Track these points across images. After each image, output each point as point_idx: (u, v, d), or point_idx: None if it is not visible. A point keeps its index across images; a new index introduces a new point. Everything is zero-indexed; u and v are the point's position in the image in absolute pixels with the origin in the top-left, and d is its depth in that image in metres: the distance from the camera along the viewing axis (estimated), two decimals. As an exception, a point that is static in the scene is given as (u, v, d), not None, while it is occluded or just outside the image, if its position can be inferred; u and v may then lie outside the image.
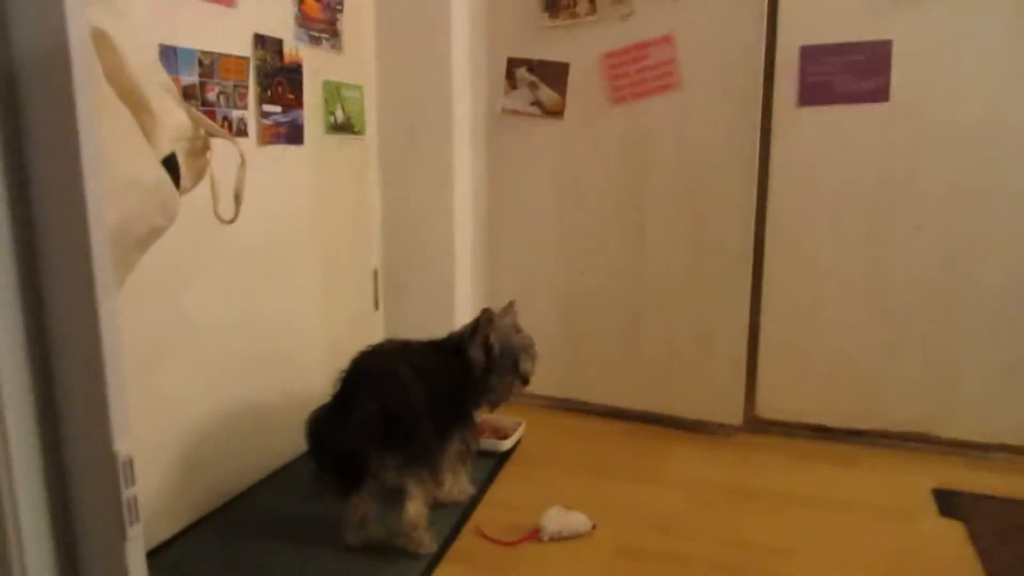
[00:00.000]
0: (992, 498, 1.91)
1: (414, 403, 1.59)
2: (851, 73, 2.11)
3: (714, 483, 2.01)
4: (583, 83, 2.33)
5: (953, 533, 1.76)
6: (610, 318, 2.43)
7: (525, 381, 1.91)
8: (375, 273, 2.45)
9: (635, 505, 1.88)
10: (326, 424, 1.56)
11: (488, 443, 2.14)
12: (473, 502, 1.89)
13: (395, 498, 1.64)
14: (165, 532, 1.70)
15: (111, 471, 0.91)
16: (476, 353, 1.82)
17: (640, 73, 2.26)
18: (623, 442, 2.28)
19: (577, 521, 1.73)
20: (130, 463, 0.92)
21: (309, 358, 2.14)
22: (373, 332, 2.45)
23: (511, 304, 1.96)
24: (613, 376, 2.45)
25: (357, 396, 1.55)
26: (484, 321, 1.84)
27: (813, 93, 2.15)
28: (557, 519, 1.72)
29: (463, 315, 2.46)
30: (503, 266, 2.55)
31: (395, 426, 1.55)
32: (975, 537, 1.72)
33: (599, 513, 1.79)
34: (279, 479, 2.00)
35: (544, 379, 2.55)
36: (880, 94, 2.10)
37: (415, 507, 1.61)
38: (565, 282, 2.48)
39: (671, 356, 2.36)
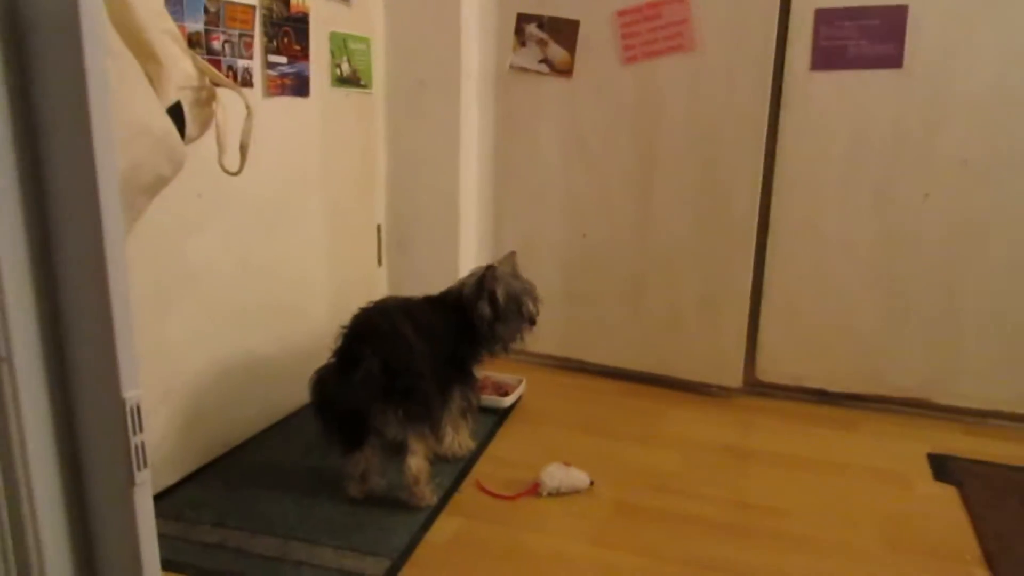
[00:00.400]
0: (987, 463, 1.93)
1: (416, 359, 1.60)
2: (865, 38, 2.08)
3: (712, 444, 2.02)
4: (594, 41, 2.30)
5: (947, 497, 1.78)
6: (613, 279, 2.43)
7: (532, 322, 1.91)
8: (379, 228, 2.45)
9: (634, 463, 1.90)
10: (332, 384, 1.57)
11: (489, 400, 2.15)
12: (474, 457, 1.90)
13: (396, 451, 1.66)
14: (168, 479, 1.72)
15: (120, 417, 0.92)
16: (483, 309, 1.83)
17: (652, 32, 2.23)
18: (623, 402, 2.30)
19: (576, 477, 1.75)
20: (138, 409, 0.93)
21: (312, 312, 2.14)
22: (376, 288, 2.45)
23: (511, 254, 1.97)
24: (614, 337, 2.46)
25: (360, 353, 1.56)
26: (489, 277, 1.84)
27: (826, 57, 2.12)
28: (556, 475, 1.74)
29: (466, 272, 2.45)
30: (507, 224, 2.55)
31: (397, 382, 1.56)
32: (968, 501, 1.74)
33: (598, 470, 1.81)
34: (281, 430, 2.02)
35: (545, 338, 2.56)
36: (894, 60, 2.07)
37: (416, 462, 1.63)
38: (569, 242, 2.47)
39: (673, 318, 2.37)
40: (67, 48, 0.83)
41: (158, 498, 1.67)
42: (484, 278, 1.85)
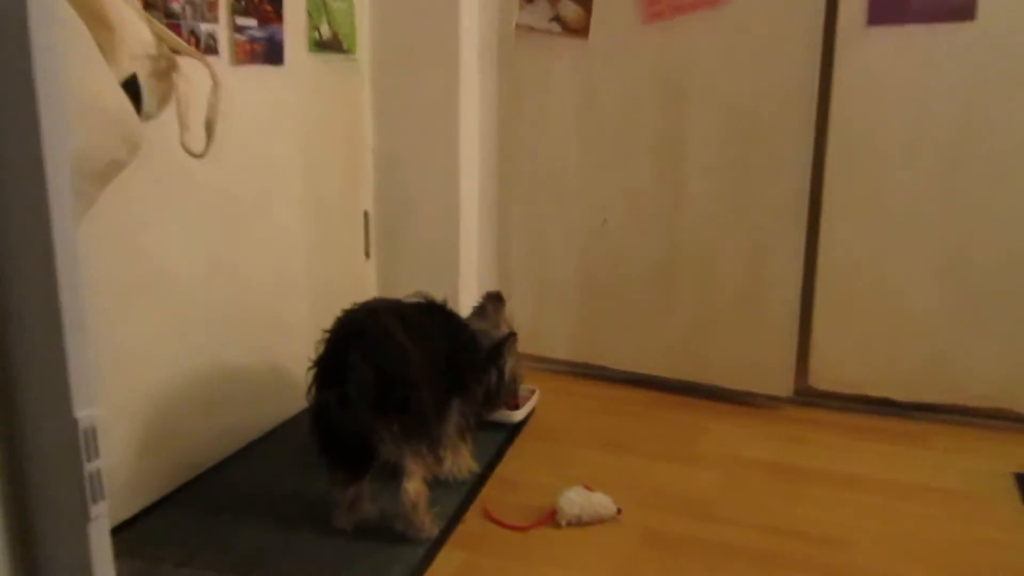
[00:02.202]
0: (1080, 484, 1.92)
1: (411, 367, 1.62)
2: (931, -15, 2.08)
3: (757, 463, 2.03)
4: (613, -5, 2.30)
5: (1035, 524, 1.78)
6: (638, 273, 2.44)
7: (510, 406, 2.13)
8: (366, 216, 2.46)
9: (666, 486, 1.91)
10: (335, 409, 1.57)
11: (497, 414, 2.16)
12: (480, 480, 1.91)
13: (389, 476, 1.67)
14: (127, 510, 1.72)
15: (72, 440, 0.92)
16: (492, 378, 1.94)
17: (681, -17, 2.23)
18: (653, 415, 2.30)
19: (600, 503, 1.75)
20: (93, 432, 0.93)
21: (291, 314, 2.15)
22: (364, 286, 2.46)
23: (497, 299, 2.06)
24: (641, 339, 2.47)
25: (347, 361, 1.56)
26: (511, 345, 1.98)
27: (885, 9, 2.11)
28: (577, 501, 1.74)
29: (468, 266, 2.49)
30: (515, 210, 2.56)
31: (390, 393, 1.57)
32: (1059, 528, 1.74)
33: (625, 495, 1.81)
34: (258, 451, 2.03)
35: (561, 342, 2.57)
36: (965, 12, 2.06)
37: (414, 485, 1.63)
38: (586, 230, 2.48)
39: (709, 317, 2.37)
40: (8, 15, 0.83)
41: (115, 532, 1.66)
42: (502, 347, 1.95)
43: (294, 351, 2.06)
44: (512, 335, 1.98)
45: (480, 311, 2.03)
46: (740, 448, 2.10)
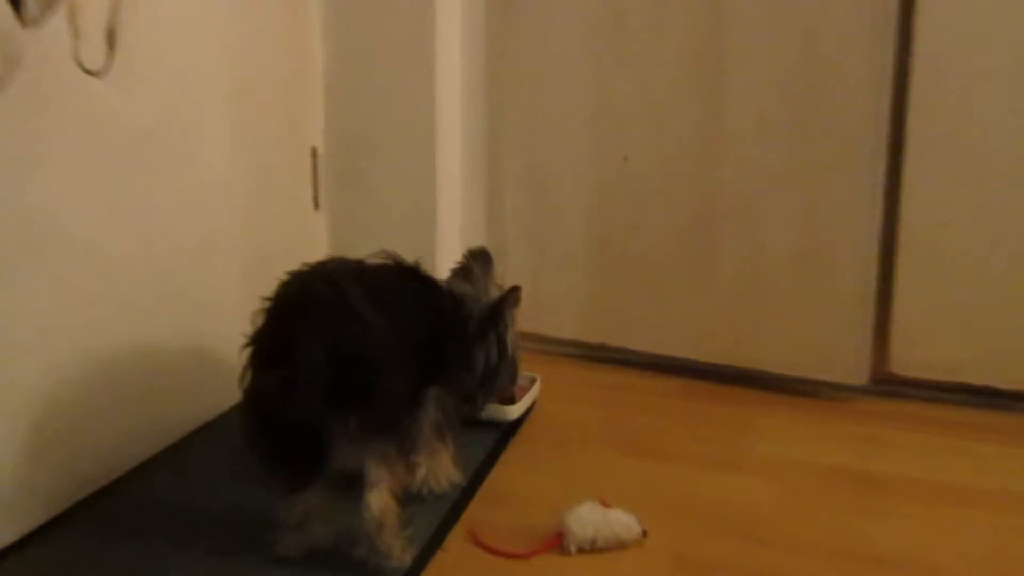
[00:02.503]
0: None
1: (375, 345, 1.61)
2: None
3: (821, 469, 2.03)
4: None
5: None
6: (667, 227, 2.45)
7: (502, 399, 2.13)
8: (314, 154, 2.46)
9: (705, 500, 1.91)
10: (276, 395, 1.55)
11: (489, 409, 2.15)
12: (465, 494, 1.91)
13: (347, 487, 1.66)
14: (8, 535, 1.72)
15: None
16: (489, 353, 1.92)
17: None
18: (686, 409, 2.32)
19: (619, 523, 1.75)
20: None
21: (221, 280, 2.16)
22: (312, 244, 2.47)
23: (484, 255, 2.06)
24: (670, 313, 2.48)
25: (292, 336, 1.56)
26: (510, 305, 1.95)
27: None
28: (590, 521, 1.74)
29: (448, 219, 2.49)
30: (508, 144, 2.57)
31: (348, 378, 1.56)
32: None
33: (652, 512, 1.80)
34: (178, 457, 2.03)
35: (569, 317, 2.57)
36: None
37: (379, 498, 1.62)
38: (600, 173, 2.48)
39: (758, 284, 2.38)
40: None
41: (-8, 564, 1.68)
42: (503, 307, 1.93)
43: (224, 328, 2.05)
44: (514, 289, 1.95)
45: (463, 273, 2.03)
46: (798, 451, 2.11)
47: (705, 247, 2.42)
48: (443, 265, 2.22)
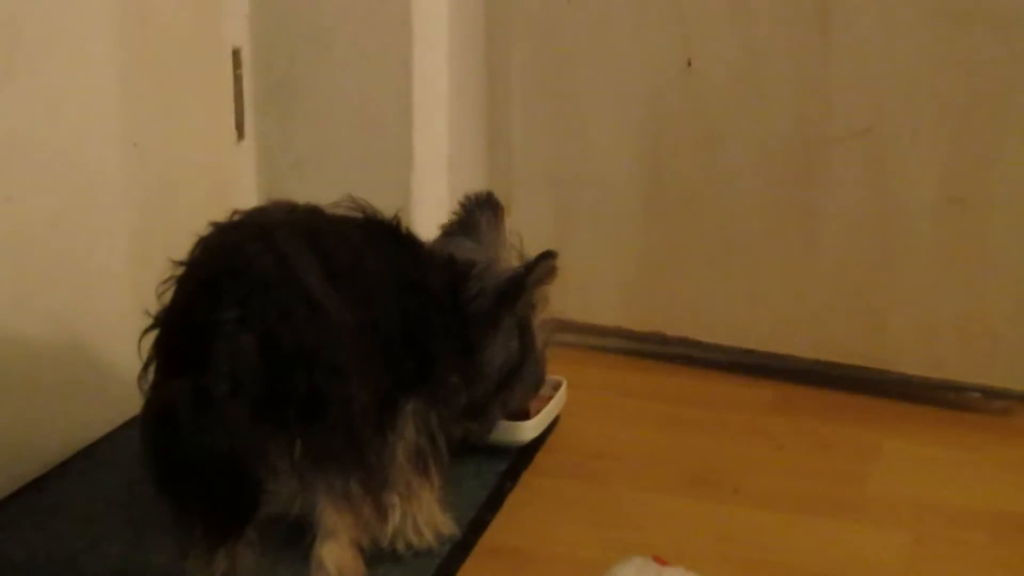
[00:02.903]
0: None
1: (328, 333, 1.60)
2: None
3: (970, 514, 2.03)
4: None
5: None
6: (750, 163, 2.46)
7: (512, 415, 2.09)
8: (235, 57, 2.45)
9: (803, 557, 1.90)
10: (187, 411, 1.52)
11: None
12: (458, 549, 1.90)
13: (289, 536, 1.67)
14: None
15: None
16: (510, 346, 1.92)
17: None
18: (777, 428, 2.31)
19: (678, 590, 1.74)
20: None
21: (106, 242, 2.15)
22: (235, 188, 2.46)
23: (490, 200, 2.07)
24: (755, 290, 2.49)
25: (213, 318, 1.53)
26: (539, 275, 1.94)
27: None
28: (638, 586, 1.73)
29: (430, 148, 2.50)
30: (518, 37, 2.57)
31: (291, 384, 1.54)
32: None
33: (727, 572, 1.81)
34: (50, 492, 2.04)
35: (607, 295, 2.56)
36: None
37: (336, 553, 1.62)
38: (652, 82, 2.48)
39: (884, 247, 2.39)
40: None
41: None
42: (528, 280, 1.92)
43: (113, 309, 2.05)
44: (546, 256, 1.96)
45: (464, 228, 2.03)
46: (938, 488, 2.10)
47: (806, 192, 2.41)
48: (423, 217, 2.22)
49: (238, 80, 2.47)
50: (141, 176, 2.22)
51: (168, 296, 1.60)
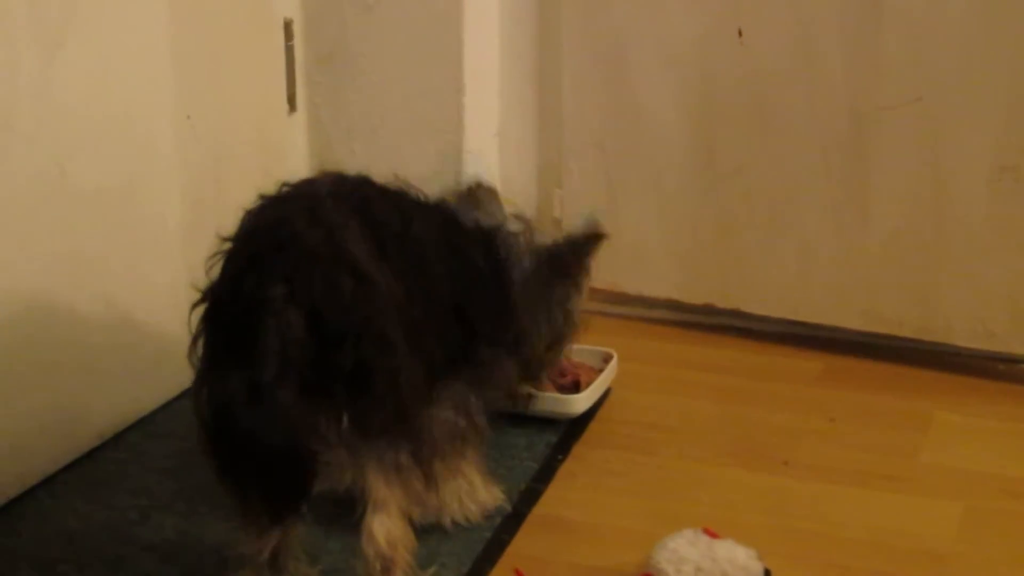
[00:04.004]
0: None
1: (377, 308, 1.60)
2: None
3: (1024, 485, 2.03)
4: None
5: None
6: (802, 133, 2.45)
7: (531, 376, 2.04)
8: (287, 29, 2.47)
9: (855, 530, 1.90)
10: (240, 405, 1.53)
11: (543, 400, 2.16)
12: (510, 521, 1.91)
13: (336, 512, 1.67)
14: None
15: None
16: (577, 284, 1.96)
17: None
18: (829, 400, 2.32)
19: (731, 561, 1.73)
20: None
21: (156, 216, 2.16)
22: (287, 160, 2.48)
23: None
24: (808, 260, 2.49)
25: (263, 300, 1.54)
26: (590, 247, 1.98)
27: None
28: (690, 558, 1.72)
29: (481, 119, 2.50)
30: (570, 16, 2.57)
31: (339, 359, 1.55)
32: None
33: (778, 545, 1.80)
34: (95, 469, 2.05)
35: (659, 266, 2.56)
36: None
37: (387, 526, 1.62)
38: (705, 59, 2.49)
39: (938, 217, 2.38)
40: None
41: None
42: (588, 248, 1.98)
43: (166, 282, 2.06)
44: (597, 236, 1.98)
45: (465, 202, 2.02)
46: (992, 458, 2.11)
47: (857, 162, 2.40)
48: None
49: (289, 51, 2.47)
50: (194, 148, 2.23)
51: (216, 271, 1.61)
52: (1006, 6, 2.25)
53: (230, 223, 1.64)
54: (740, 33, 2.43)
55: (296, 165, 2.47)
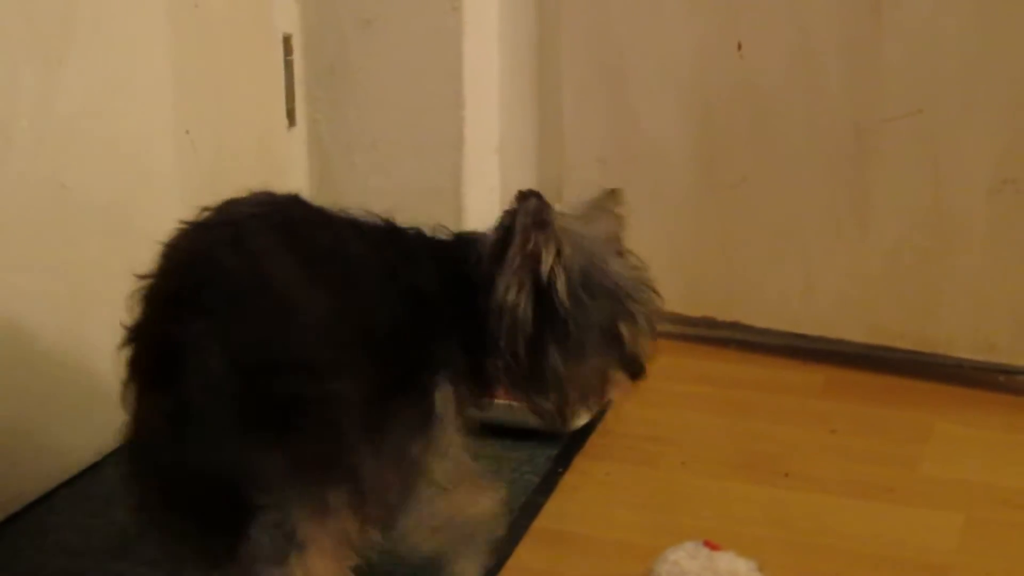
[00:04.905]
0: None
1: (296, 331, 1.55)
2: None
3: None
4: None
5: None
6: (802, 145, 2.45)
7: (634, 370, 1.89)
8: (286, 44, 2.48)
9: (854, 541, 1.91)
10: (161, 435, 1.52)
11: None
12: (511, 534, 1.90)
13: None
14: None
15: None
16: (510, 293, 1.73)
17: None
18: (829, 412, 2.33)
19: (733, 572, 1.74)
20: None
21: (156, 232, 2.12)
22: (286, 177, 2.47)
23: (611, 195, 1.95)
24: (809, 273, 2.49)
25: (183, 335, 1.50)
26: (531, 214, 1.75)
27: None
28: (691, 568, 1.74)
29: (480, 135, 2.50)
30: (570, 21, 2.57)
31: (266, 392, 1.50)
32: None
33: (779, 557, 1.81)
34: (100, 481, 2.06)
35: (660, 278, 2.56)
36: None
37: (305, 566, 1.55)
38: (704, 65, 2.49)
39: (939, 230, 2.38)
40: None
41: None
42: (513, 218, 1.73)
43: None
44: (528, 195, 1.76)
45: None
46: (993, 469, 2.12)
47: (858, 174, 2.41)
48: (474, 202, 2.23)
49: (289, 66, 2.48)
50: (193, 163, 2.24)
51: (138, 309, 1.58)
52: (1006, 18, 2.26)
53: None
54: (740, 46, 2.44)
55: (295, 180, 2.46)
